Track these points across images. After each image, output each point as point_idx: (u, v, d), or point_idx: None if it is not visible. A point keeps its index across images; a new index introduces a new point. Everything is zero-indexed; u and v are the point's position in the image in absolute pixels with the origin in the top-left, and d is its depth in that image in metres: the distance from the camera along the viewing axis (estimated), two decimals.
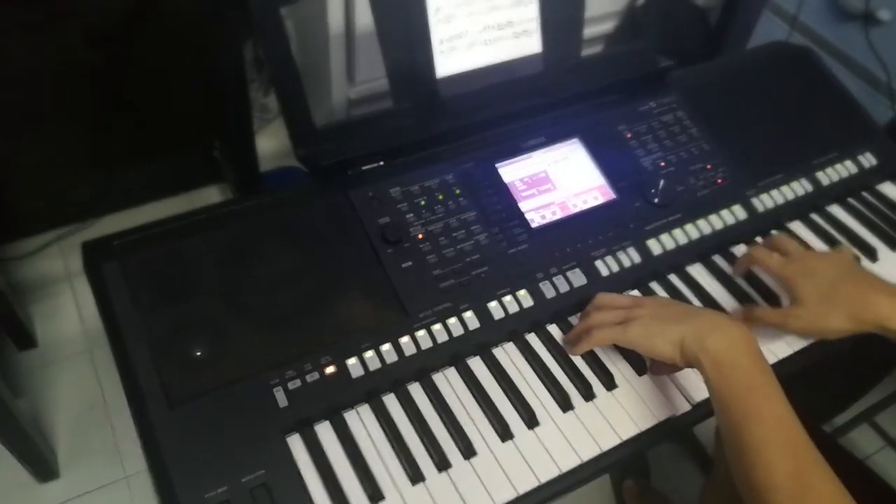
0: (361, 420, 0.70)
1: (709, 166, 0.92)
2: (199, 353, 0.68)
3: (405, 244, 0.77)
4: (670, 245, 0.85)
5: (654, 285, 0.84)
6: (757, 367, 0.64)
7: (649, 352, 0.69)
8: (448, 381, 0.73)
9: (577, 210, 0.85)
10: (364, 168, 0.82)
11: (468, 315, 0.75)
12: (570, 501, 0.74)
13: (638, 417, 0.72)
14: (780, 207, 0.92)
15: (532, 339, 0.78)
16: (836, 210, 0.96)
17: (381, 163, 0.83)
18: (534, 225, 0.82)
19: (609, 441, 0.71)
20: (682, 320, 0.68)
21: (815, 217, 0.94)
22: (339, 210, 0.79)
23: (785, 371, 0.77)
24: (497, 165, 0.85)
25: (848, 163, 0.98)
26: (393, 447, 0.68)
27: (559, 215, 0.84)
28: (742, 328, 0.66)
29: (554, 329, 0.79)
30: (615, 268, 0.82)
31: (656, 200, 0.87)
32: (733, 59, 1.19)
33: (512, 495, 0.66)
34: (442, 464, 0.67)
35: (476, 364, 0.75)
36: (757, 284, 0.85)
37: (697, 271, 0.86)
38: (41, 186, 1.55)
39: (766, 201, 0.91)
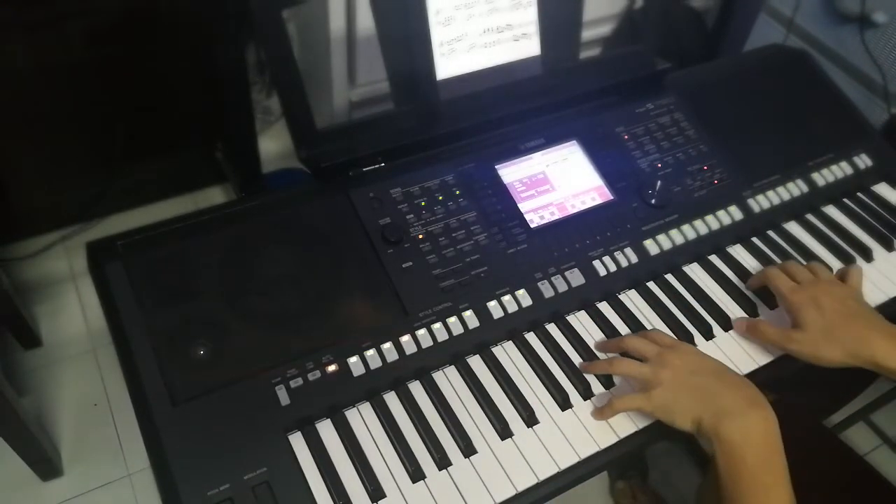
0: (362, 418, 0.71)
1: (705, 167, 0.93)
2: (201, 352, 0.69)
3: (405, 244, 0.78)
4: (667, 245, 0.86)
5: (652, 285, 0.85)
6: (766, 464, 0.63)
7: (668, 423, 0.69)
8: (448, 379, 0.74)
9: (575, 211, 0.86)
10: (365, 169, 0.83)
11: (468, 314, 0.76)
12: (569, 500, 0.74)
13: (636, 415, 0.73)
14: (776, 208, 0.93)
15: (531, 338, 0.79)
16: (831, 210, 0.97)
17: (382, 164, 0.84)
18: (533, 225, 0.83)
19: (607, 439, 0.71)
20: (705, 397, 0.67)
21: (810, 217, 0.95)
22: (340, 210, 0.79)
23: (782, 370, 0.78)
24: (497, 166, 0.86)
25: (843, 164, 0.99)
26: (394, 445, 0.69)
27: (558, 216, 0.85)
28: (761, 415, 0.65)
29: (553, 328, 0.80)
30: (613, 268, 0.83)
31: (653, 201, 0.88)
32: (730, 62, 1.20)
33: (511, 493, 0.67)
34: (442, 462, 0.68)
35: (476, 363, 0.76)
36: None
37: (694, 271, 0.87)
38: (45, 187, 1.55)
39: (762, 202, 0.92)
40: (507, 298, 0.78)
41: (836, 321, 0.73)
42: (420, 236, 0.79)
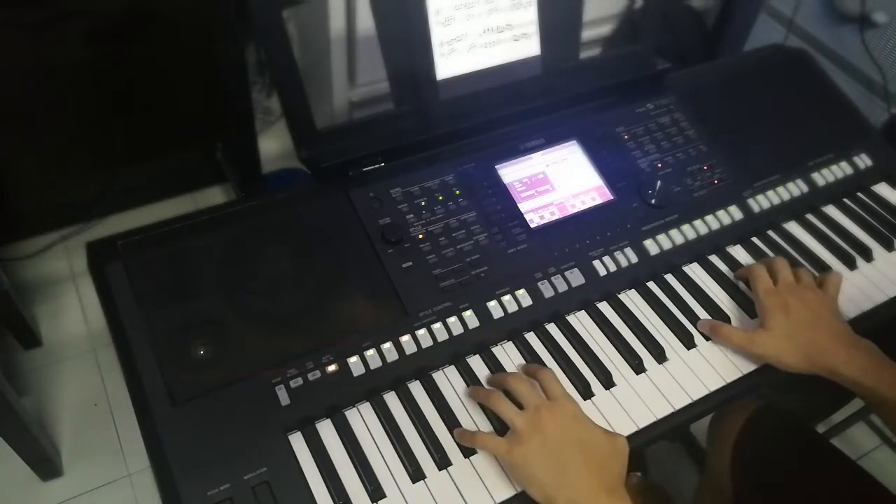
0: (362, 418, 0.71)
1: (705, 167, 0.93)
2: (201, 352, 0.69)
3: (405, 244, 0.78)
4: (667, 245, 0.86)
5: (652, 285, 0.85)
6: None
7: (517, 481, 0.66)
8: (448, 379, 0.74)
9: (575, 211, 0.86)
10: (365, 169, 0.83)
11: (468, 314, 0.76)
12: None
13: (636, 415, 0.73)
14: (776, 208, 0.93)
15: (531, 337, 0.79)
16: (831, 210, 0.97)
17: (382, 164, 0.84)
18: (533, 225, 0.83)
19: None
20: (562, 477, 0.63)
21: (810, 217, 0.95)
22: (340, 210, 0.79)
23: (777, 372, 0.78)
24: (496, 166, 0.86)
25: (843, 164, 0.99)
26: (394, 445, 0.69)
27: (558, 216, 0.85)
28: None
29: (553, 328, 0.80)
30: (612, 268, 0.83)
31: (653, 201, 0.88)
32: (730, 62, 1.20)
33: (511, 493, 0.67)
34: (442, 462, 0.68)
35: (476, 363, 0.76)
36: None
37: (694, 271, 0.87)
38: (45, 187, 1.56)
39: (762, 202, 0.92)
40: (507, 298, 0.78)
41: (801, 327, 0.75)
42: (420, 236, 0.79)
